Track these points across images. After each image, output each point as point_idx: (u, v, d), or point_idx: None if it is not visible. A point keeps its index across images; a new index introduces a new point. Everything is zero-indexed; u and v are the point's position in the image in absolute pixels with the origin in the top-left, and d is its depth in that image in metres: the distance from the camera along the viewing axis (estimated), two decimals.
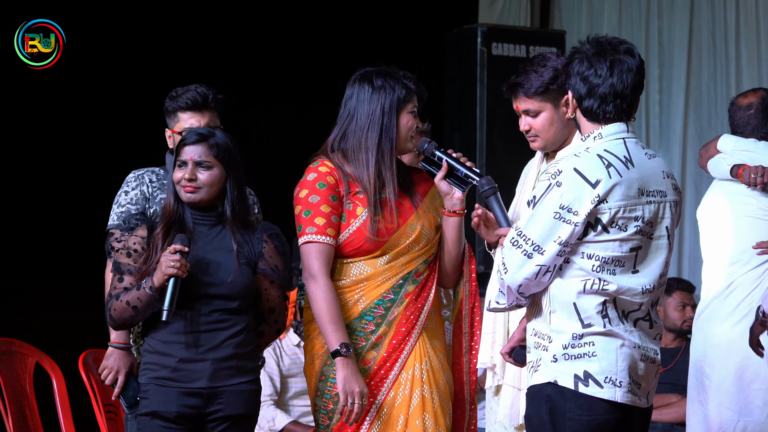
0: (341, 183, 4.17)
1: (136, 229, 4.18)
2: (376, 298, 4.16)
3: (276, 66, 7.76)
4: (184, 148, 4.17)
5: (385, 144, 4.17)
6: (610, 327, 3.59)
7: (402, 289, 4.18)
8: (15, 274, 6.88)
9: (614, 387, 3.59)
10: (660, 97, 8.22)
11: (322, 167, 4.18)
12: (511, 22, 8.57)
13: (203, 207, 4.19)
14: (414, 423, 4.10)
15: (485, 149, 7.77)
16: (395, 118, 4.17)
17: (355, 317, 4.16)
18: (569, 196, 3.53)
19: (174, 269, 4.00)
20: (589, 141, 3.66)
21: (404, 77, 4.21)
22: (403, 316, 4.16)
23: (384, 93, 4.18)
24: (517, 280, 3.58)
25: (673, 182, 3.72)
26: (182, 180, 4.15)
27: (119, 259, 4.14)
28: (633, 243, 3.60)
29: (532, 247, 3.55)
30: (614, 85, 3.62)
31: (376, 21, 8.05)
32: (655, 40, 8.26)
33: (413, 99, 4.20)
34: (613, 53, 3.63)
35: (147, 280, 4.05)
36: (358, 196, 4.17)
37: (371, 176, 4.16)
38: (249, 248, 4.21)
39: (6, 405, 5.03)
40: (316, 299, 4.11)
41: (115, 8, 7.23)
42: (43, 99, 6.94)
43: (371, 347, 4.15)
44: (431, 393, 4.14)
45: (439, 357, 4.21)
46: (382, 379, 4.14)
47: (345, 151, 4.20)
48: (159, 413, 4.09)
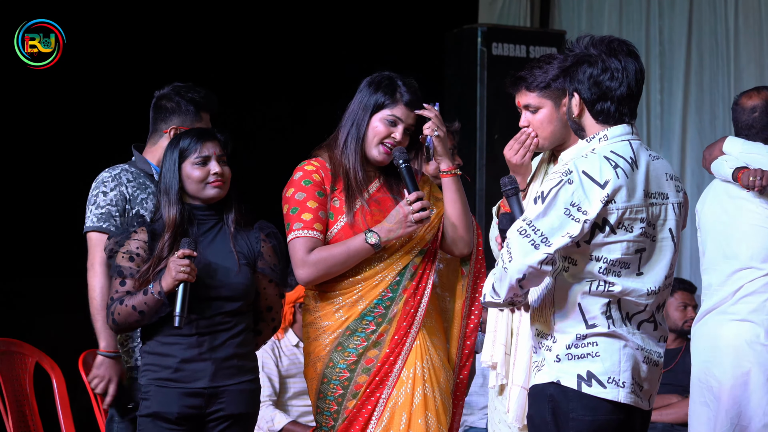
0: (327, 180, 4.19)
1: (136, 233, 4.14)
2: (375, 298, 4.16)
3: (275, 66, 7.76)
4: (204, 144, 4.15)
5: (350, 141, 4.18)
6: (613, 328, 3.59)
7: (399, 286, 4.17)
8: (15, 274, 6.88)
9: (617, 387, 3.58)
10: (661, 97, 8.21)
11: (308, 165, 4.21)
12: (511, 22, 8.56)
13: (212, 204, 4.18)
14: (416, 422, 4.10)
15: (485, 149, 7.77)
16: (367, 118, 4.18)
17: (356, 318, 4.16)
18: (580, 194, 3.53)
19: (185, 274, 3.99)
20: (594, 143, 3.66)
21: (404, 86, 4.21)
22: (403, 311, 4.16)
23: (368, 93, 4.20)
24: (522, 269, 3.52)
25: (677, 184, 3.72)
26: (209, 176, 4.13)
27: (121, 263, 4.11)
28: (638, 245, 3.60)
29: (540, 238, 3.52)
30: (631, 87, 3.63)
31: (376, 21, 8.05)
32: (655, 40, 8.26)
33: (396, 109, 4.18)
34: (623, 54, 3.63)
35: (154, 285, 4.03)
36: (345, 193, 4.18)
37: (345, 172, 4.18)
38: (248, 248, 4.20)
39: (6, 405, 5.03)
40: (321, 259, 4.11)
41: (115, 8, 7.22)
42: (43, 99, 6.94)
43: (373, 345, 4.15)
44: (433, 391, 4.14)
45: (439, 355, 4.21)
46: (386, 374, 4.14)
47: (331, 147, 4.24)
48: (160, 414, 4.09)
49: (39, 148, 7.04)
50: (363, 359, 4.14)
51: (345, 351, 4.17)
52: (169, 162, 4.17)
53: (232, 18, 7.72)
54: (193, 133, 4.21)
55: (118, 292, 4.10)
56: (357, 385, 4.16)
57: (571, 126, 3.76)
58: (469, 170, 7.74)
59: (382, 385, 4.13)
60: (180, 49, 7.32)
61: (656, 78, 8.22)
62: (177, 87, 4.62)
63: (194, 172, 4.14)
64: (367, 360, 4.15)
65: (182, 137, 4.21)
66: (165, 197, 4.15)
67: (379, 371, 4.14)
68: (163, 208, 4.14)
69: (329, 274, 4.14)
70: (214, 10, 7.65)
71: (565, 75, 3.72)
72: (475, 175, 7.75)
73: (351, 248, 4.11)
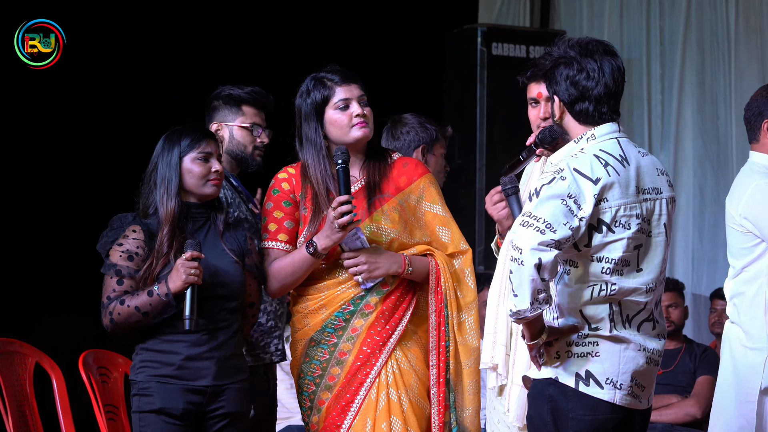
0: (298, 188, 4.19)
1: (129, 230, 4.11)
2: (336, 310, 4.14)
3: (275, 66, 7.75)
4: (206, 142, 4.15)
5: (312, 158, 4.21)
6: (615, 332, 3.59)
7: (363, 300, 4.13)
8: (15, 274, 6.87)
9: (614, 389, 3.58)
10: (661, 97, 8.20)
11: (282, 173, 4.25)
12: (511, 22, 8.56)
13: (204, 203, 4.18)
14: (380, 426, 4.06)
15: (485, 149, 7.76)
16: (319, 121, 4.22)
17: (318, 329, 4.16)
18: (575, 188, 3.52)
19: (194, 277, 3.99)
20: (582, 142, 3.65)
21: (326, 73, 4.23)
22: (367, 334, 4.12)
23: (304, 103, 4.24)
24: (536, 252, 3.43)
25: (668, 179, 3.73)
26: (210, 173, 4.14)
27: (119, 262, 4.09)
28: (636, 241, 3.60)
29: (544, 224, 3.47)
30: (608, 86, 3.63)
31: (377, 21, 8.04)
32: (656, 40, 8.25)
33: (338, 93, 4.16)
34: (599, 54, 3.63)
35: (160, 286, 4.01)
36: (312, 203, 4.18)
37: (312, 185, 4.18)
38: (238, 246, 4.19)
39: (6, 405, 5.02)
40: (275, 270, 4.14)
41: (115, 8, 7.22)
42: (43, 99, 6.94)
43: (336, 363, 4.14)
44: (399, 396, 4.09)
45: (410, 358, 4.15)
46: (351, 399, 4.11)
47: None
48: (165, 410, 4.08)
49: (39, 148, 7.04)
50: (326, 374, 4.15)
51: (312, 363, 4.19)
52: (167, 155, 4.14)
53: (233, 18, 7.72)
54: (194, 128, 4.21)
55: (115, 291, 4.08)
56: (320, 401, 4.17)
57: (557, 130, 3.75)
58: (469, 170, 7.75)
59: (348, 407, 4.11)
60: (180, 49, 7.32)
61: (656, 78, 8.21)
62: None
63: (195, 168, 4.13)
64: (329, 377, 4.15)
65: (183, 132, 4.19)
66: (163, 190, 4.12)
67: (342, 393, 4.12)
68: (160, 201, 4.11)
69: (287, 284, 4.16)
70: (215, 9, 7.64)
71: (545, 78, 3.72)
72: (475, 175, 7.74)
73: (295, 259, 4.12)
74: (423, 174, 4.27)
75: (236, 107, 4.65)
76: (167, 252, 4.06)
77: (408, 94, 7.63)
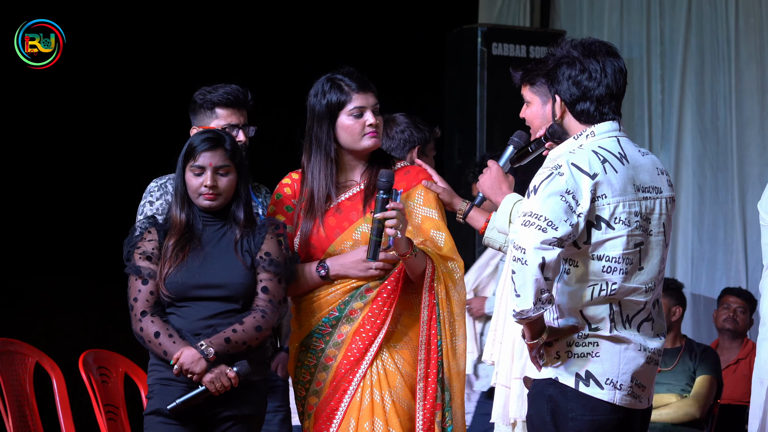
0: (299, 192, 4.19)
1: (149, 232, 4.10)
2: (324, 315, 4.13)
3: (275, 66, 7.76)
4: (202, 153, 4.07)
5: (318, 164, 4.19)
6: (615, 332, 3.59)
7: (347, 306, 4.12)
8: (15, 274, 6.88)
9: (614, 389, 3.58)
10: (662, 97, 8.21)
11: (285, 179, 4.26)
12: (511, 22, 8.56)
13: (215, 211, 4.14)
14: (362, 426, 4.05)
15: (485, 149, 7.76)
16: (332, 126, 4.18)
17: (307, 335, 4.16)
18: (572, 183, 3.52)
19: (217, 392, 3.99)
20: (581, 139, 3.66)
21: (344, 77, 4.19)
22: (352, 340, 4.11)
23: (318, 104, 4.20)
24: (539, 251, 3.42)
25: (668, 178, 3.73)
26: (201, 188, 4.07)
27: (139, 263, 4.08)
28: (636, 239, 3.60)
29: (546, 222, 3.47)
30: (610, 87, 3.63)
31: (377, 21, 8.05)
32: (656, 40, 8.25)
33: (354, 101, 4.13)
34: (602, 55, 3.63)
35: (185, 355, 3.96)
36: (306, 209, 4.16)
37: (310, 192, 4.17)
38: (252, 245, 4.15)
39: (6, 405, 5.03)
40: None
41: (115, 8, 7.23)
42: (43, 99, 6.94)
43: (322, 368, 4.14)
44: (382, 396, 4.08)
45: (396, 360, 4.13)
46: (336, 406, 4.11)
47: (304, 164, 4.26)
48: (161, 411, 4.06)
49: (39, 148, 7.05)
50: (314, 380, 4.15)
51: (302, 368, 4.18)
52: (179, 163, 4.13)
53: (233, 18, 7.73)
54: (201, 140, 4.14)
55: (140, 291, 4.05)
56: (309, 406, 4.17)
57: (557, 130, 3.75)
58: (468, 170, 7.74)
59: (334, 413, 4.10)
60: (180, 49, 7.33)
61: (657, 78, 8.21)
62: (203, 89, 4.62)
63: (191, 180, 4.11)
64: (317, 382, 4.15)
65: (192, 139, 4.15)
66: (174, 198, 4.13)
67: (328, 399, 4.12)
68: (173, 209, 4.12)
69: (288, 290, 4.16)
70: (215, 9, 7.65)
71: (547, 78, 3.73)
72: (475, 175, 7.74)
73: (306, 273, 4.13)
74: (423, 180, 4.28)
75: (209, 110, 4.55)
76: (170, 256, 4.06)
77: (408, 94, 7.63)
